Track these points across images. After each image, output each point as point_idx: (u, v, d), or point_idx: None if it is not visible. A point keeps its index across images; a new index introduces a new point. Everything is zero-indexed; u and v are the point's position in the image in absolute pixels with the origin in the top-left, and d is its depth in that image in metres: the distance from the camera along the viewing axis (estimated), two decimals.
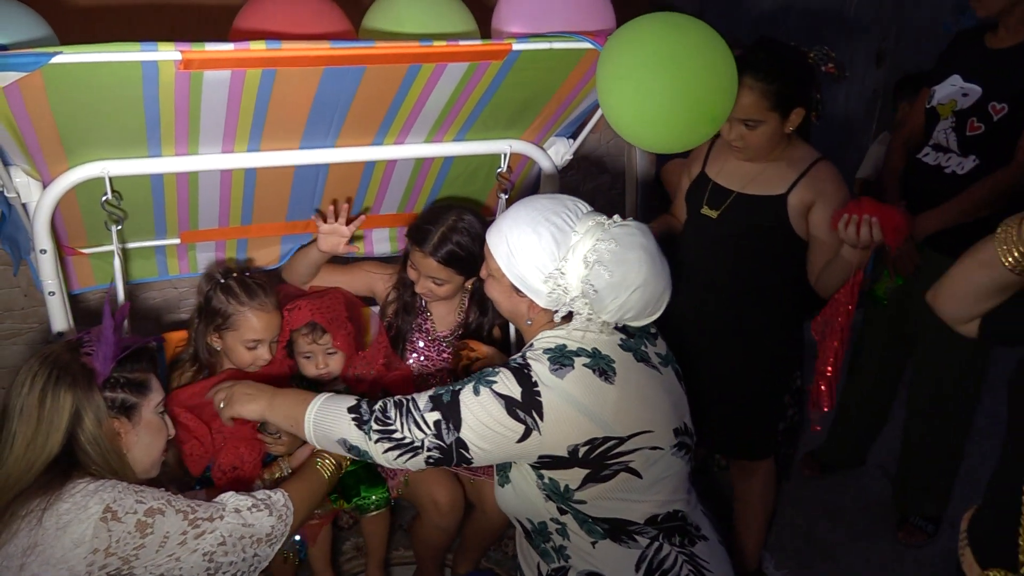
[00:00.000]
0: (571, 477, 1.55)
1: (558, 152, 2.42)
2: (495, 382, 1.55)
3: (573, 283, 1.55)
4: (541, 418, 1.51)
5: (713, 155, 2.38)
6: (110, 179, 1.88)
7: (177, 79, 1.62)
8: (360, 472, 2.17)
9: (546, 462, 1.55)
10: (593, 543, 1.60)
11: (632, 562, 1.59)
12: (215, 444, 2.00)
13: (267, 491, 1.65)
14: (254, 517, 1.57)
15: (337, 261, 2.43)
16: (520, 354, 1.62)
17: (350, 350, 2.19)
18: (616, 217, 1.60)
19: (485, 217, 2.34)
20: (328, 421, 1.63)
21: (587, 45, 1.95)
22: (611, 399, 1.55)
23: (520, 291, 1.62)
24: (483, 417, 1.53)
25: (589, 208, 1.64)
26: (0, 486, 1.42)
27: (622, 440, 1.54)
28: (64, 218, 2.03)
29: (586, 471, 1.54)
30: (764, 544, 2.74)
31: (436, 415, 1.55)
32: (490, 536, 2.49)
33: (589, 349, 1.58)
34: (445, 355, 2.37)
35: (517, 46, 1.85)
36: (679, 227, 2.49)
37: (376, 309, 2.46)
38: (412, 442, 1.55)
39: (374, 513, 2.27)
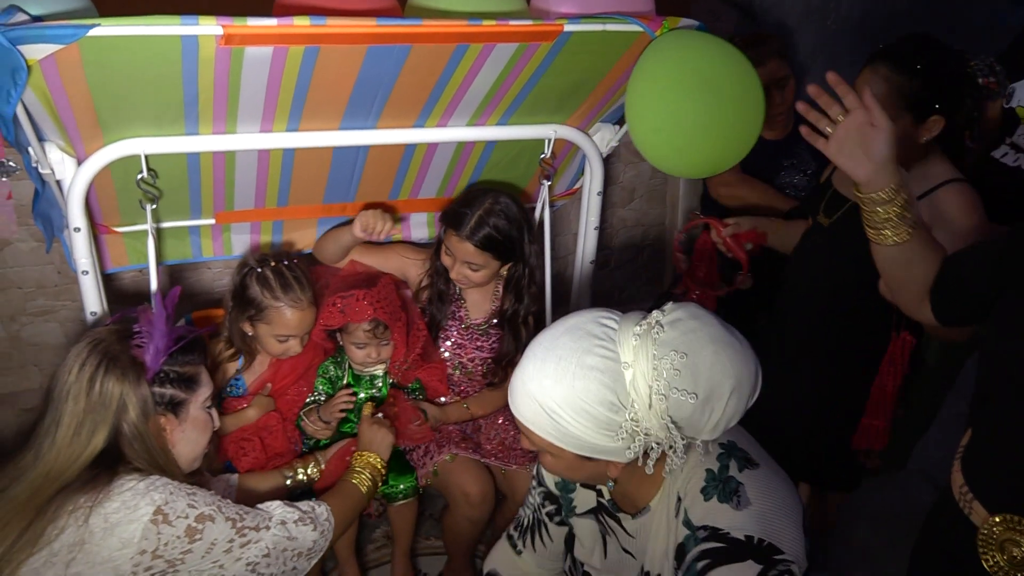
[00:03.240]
0: None
1: (603, 139, 2.35)
2: None
3: (654, 424, 1.20)
4: (782, 552, 1.22)
5: None
6: (146, 157, 1.84)
7: (217, 55, 1.57)
8: (389, 461, 2.13)
9: None
10: None
11: None
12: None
13: (312, 503, 1.62)
14: (298, 531, 1.54)
15: (370, 244, 2.37)
16: (686, 531, 1.30)
17: (403, 340, 2.14)
18: (656, 313, 1.24)
19: (524, 204, 2.28)
20: None
21: (639, 28, 1.88)
22: (775, 479, 1.33)
23: (591, 458, 1.27)
24: None
25: (616, 319, 1.26)
26: (42, 477, 1.38)
27: (806, 508, 1.35)
28: (98, 196, 1.99)
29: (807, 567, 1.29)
30: None
31: None
32: None
33: (722, 450, 1.33)
34: (479, 343, 2.32)
35: (569, 27, 1.78)
36: None
37: (408, 293, 2.41)
38: None
39: (402, 502, 2.23)
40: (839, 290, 2.09)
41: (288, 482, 1.95)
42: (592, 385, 1.19)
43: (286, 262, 2.02)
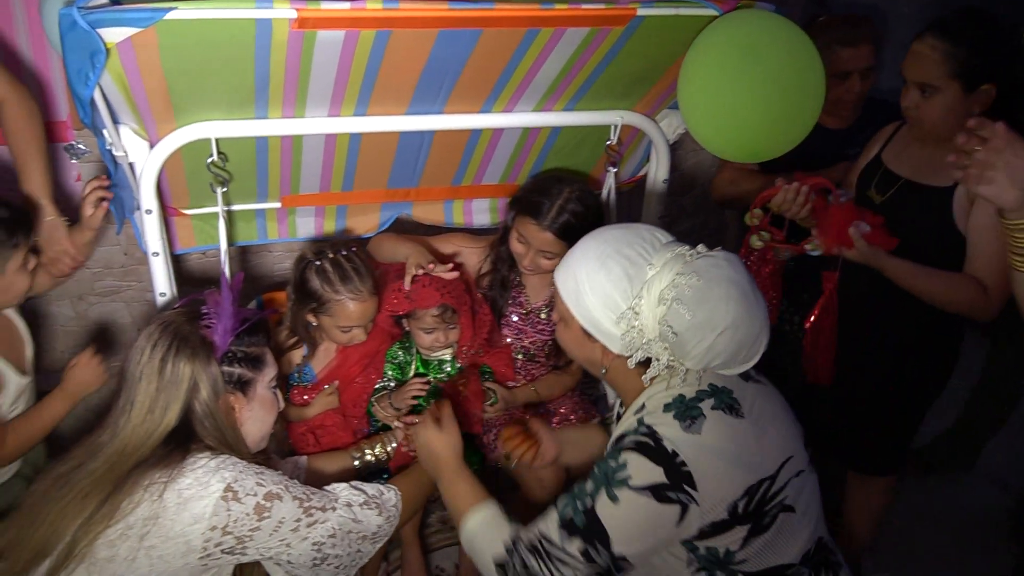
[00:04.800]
0: (731, 539, 1.35)
1: (670, 126, 2.30)
2: (629, 476, 1.32)
3: (649, 324, 1.36)
4: (695, 488, 1.30)
5: (895, 140, 2.15)
6: (216, 140, 1.85)
7: (290, 38, 1.57)
8: None
9: (706, 532, 1.34)
10: None
11: None
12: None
13: (381, 487, 1.62)
14: (364, 514, 1.55)
15: (429, 232, 2.37)
16: (636, 422, 1.41)
17: (469, 323, 2.12)
18: (701, 247, 1.41)
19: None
20: (476, 555, 1.53)
21: (712, 12, 1.84)
22: (751, 436, 1.37)
23: (592, 336, 1.44)
24: (632, 521, 1.33)
25: (669, 238, 1.44)
26: (118, 453, 1.41)
27: (773, 478, 1.36)
28: (168, 178, 2.02)
29: (747, 527, 1.35)
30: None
31: (577, 543, 1.35)
32: None
33: (707, 387, 1.40)
34: (540, 327, 2.29)
35: (642, 11, 1.75)
36: None
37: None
38: None
39: None
40: None
41: (356, 463, 1.95)
42: (616, 268, 1.38)
43: (344, 252, 2.00)
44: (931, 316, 2.00)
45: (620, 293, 1.37)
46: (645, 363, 1.41)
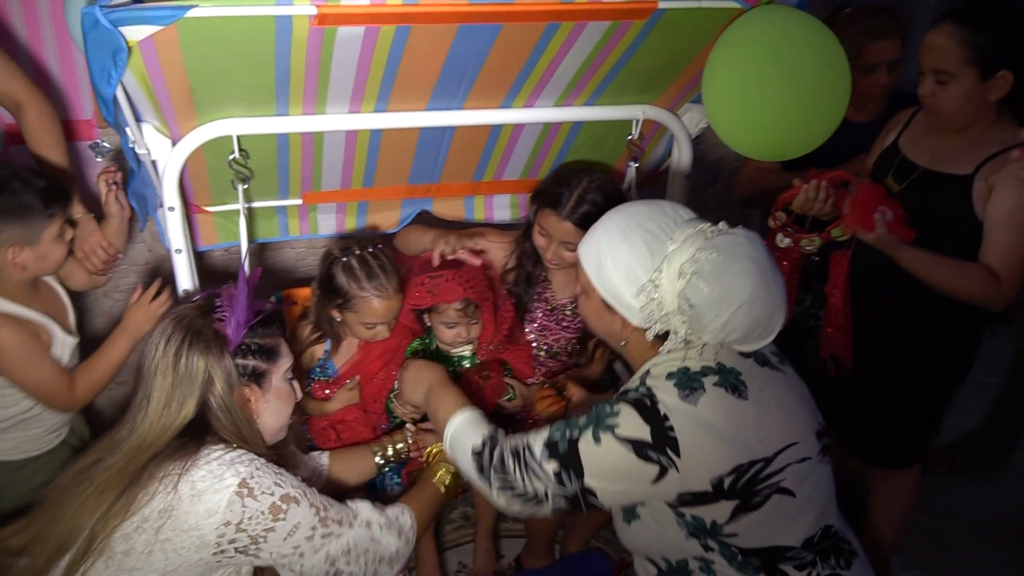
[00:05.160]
0: (718, 512, 1.37)
1: (692, 120, 2.28)
2: (617, 425, 1.38)
3: (668, 297, 1.39)
4: (678, 455, 1.34)
5: (911, 126, 2.14)
6: (237, 138, 1.86)
7: (310, 35, 1.57)
8: None
9: (687, 499, 1.38)
10: None
11: None
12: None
13: (398, 511, 1.61)
14: (383, 535, 1.54)
15: (454, 227, 2.36)
16: (638, 381, 1.45)
17: (492, 319, 2.12)
18: (722, 224, 1.43)
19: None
20: (457, 450, 1.60)
21: (735, 4, 1.82)
22: (750, 418, 1.38)
23: (612, 308, 1.48)
24: (608, 465, 1.38)
25: (692, 215, 1.47)
26: (135, 448, 1.42)
27: (769, 460, 1.37)
28: (191, 176, 2.03)
29: (734, 503, 1.36)
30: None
31: (554, 464, 1.42)
32: (604, 515, 2.42)
33: (714, 365, 1.41)
34: (564, 323, 2.28)
35: (663, 4, 1.74)
36: None
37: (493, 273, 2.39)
38: (535, 494, 1.45)
39: None
40: None
41: (377, 458, 1.94)
42: (638, 242, 1.41)
43: (370, 249, 2.00)
44: (947, 305, 1.99)
45: (641, 266, 1.41)
46: (663, 336, 1.45)
